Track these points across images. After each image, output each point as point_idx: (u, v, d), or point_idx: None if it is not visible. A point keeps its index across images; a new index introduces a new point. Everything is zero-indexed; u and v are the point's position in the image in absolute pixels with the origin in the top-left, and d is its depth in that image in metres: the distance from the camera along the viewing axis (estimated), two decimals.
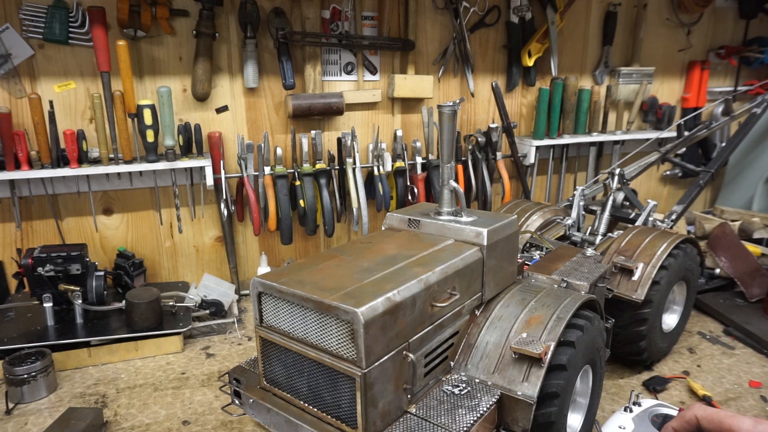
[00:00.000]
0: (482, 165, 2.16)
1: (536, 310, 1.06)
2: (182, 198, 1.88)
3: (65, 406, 1.32)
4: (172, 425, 1.26)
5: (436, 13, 2.09)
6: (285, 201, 1.88)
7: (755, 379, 1.45)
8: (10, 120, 1.55)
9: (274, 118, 1.95)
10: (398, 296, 0.87)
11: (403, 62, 2.07)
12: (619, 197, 1.87)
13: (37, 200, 1.72)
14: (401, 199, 2.08)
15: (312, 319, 0.88)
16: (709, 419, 0.66)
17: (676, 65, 2.70)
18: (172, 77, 1.78)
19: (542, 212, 1.76)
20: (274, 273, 0.95)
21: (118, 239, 1.85)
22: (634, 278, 1.40)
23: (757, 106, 2.21)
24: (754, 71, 2.88)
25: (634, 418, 1.16)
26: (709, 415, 0.66)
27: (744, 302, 1.85)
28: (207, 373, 1.49)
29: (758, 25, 2.82)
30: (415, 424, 0.90)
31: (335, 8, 1.91)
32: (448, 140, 1.06)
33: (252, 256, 2.04)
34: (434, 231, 1.13)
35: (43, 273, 1.52)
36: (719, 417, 0.65)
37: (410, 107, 2.15)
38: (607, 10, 2.42)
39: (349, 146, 1.92)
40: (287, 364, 0.95)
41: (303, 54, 1.91)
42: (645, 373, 1.49)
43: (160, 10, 1.67)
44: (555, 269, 1.30)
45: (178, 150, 1.76)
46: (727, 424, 0.65)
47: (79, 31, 1.63)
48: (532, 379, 0.95)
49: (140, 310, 1.56)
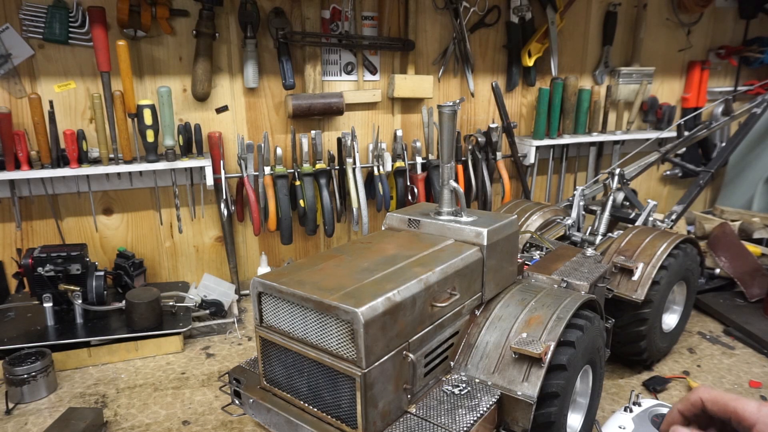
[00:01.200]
0: (482, 165, 2.16)
1: (536, 310, 1.06)
2: (182, 198, 1.88)
3: (65, 406, 1.32)
4: (172, 425, 1.26)
5: (436, 13, 2.09)
6: (285, 201, 1.88)
7: (755, 379, 1.45)
8: (10, 120, 1.55)
9: (274, 118, 1.95)
10: (398, 296, 0.87)
11: (403, 62, 2.07)
12: (619, 197, 1.87)
13: (37, 200, 1.72)
14: (401, 199, 2.08)
15: (312, 319, 0.88)
16: (714, 401, 0.66)
17: (676, 65, 2.70)
18: (172, 77, 1.78)
19: (542, 212, 1.76)
20: (274, 273, 0.95)
21: (118, 239, 1.85)
22: (634, 278, 1.40)
23: (757, 106, 2.21)
24: (754, 71, 2.88)
25: (634, 418, 1.16)
26: (713, 397, 0.66)
27: (744, 302, 1.85)
28: (207, 373, 1.49)
29: (758, 25, 2.82)
30: (415, 424, 0.90)
31: (335, 8, 1.91)
32: (448, 140, 1.06)
33: (252, 256, 2.04)
34: (434, 231, 1.13)
35: (43, 273, 1.52)
36: (724, 399, 0.65)
37: (410, 107, 2.15)
38: (607, 10, 2.42)
39: (349, 146, 1.92)
40: (287, 364, 0.95)
41: (303, 54, 1.91)
42: (645, 373, 1.49)
43: (160, 10, 1.67)
44: (555, 269, 1.30)
45: (178, 150, 1.76)
46: (731, 406, 0.65)
47: (79, 31, 1.63)
48: (532, 379, 0.95)
49: (140, 310, 1.56)
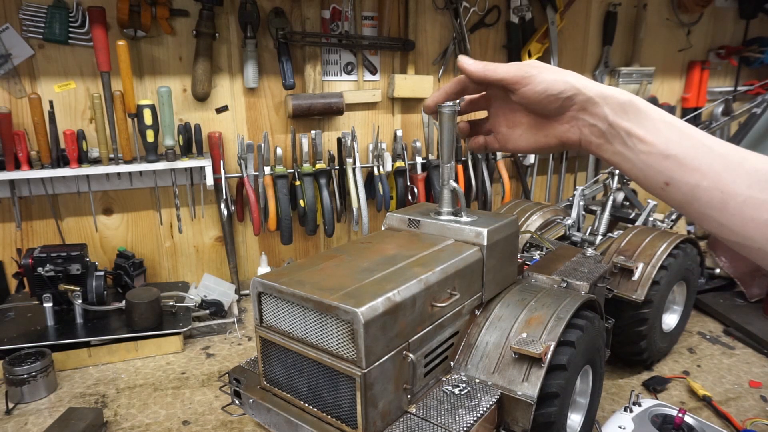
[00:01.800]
0: (482, 165, 2.17)
1: (536, 310, 1.06)
2: (182, 198, 1.88)
3: (65, 406, 1.32)
4: (172, 425, 1.26)
5: (436, 13, 2.09)
6: (285, 201, 1.88)
7: (755, 379, 1.45)
8: (10, 120, 1.55)
9: (274, 118, 1.95)
10: (398, 296, 0.87)
11: (403, 62, 2.07)
12: (619, 197, 1.88)
13: (37, 200, 1.72)
14: (401, 199, 2.08)
15: (312, 319, 0.88)
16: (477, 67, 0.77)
17: (676, 65, 2.70)
18: (172, 77, 1.78)
19: (542, 212, 1.76)
20: (274, 273, 0.95)
21: (118, 239, 1.85)
22: (634, 278, 1.40)
23: (757, 106, 2.21)
24: (754, 71, 2.88)
25: (634, 418, 1.16)
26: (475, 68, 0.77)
27: (744, 302, 1.85)
28: (207, 373, 1.49)
29: (758, 25, 2.82)
30: (415, 424, 0.90)
31: (335, 8, 1.91)
32: (448, 140, 1.06)
33: (252, 256, 2.04)
34: (434, 231, 1.13)
35: (43, 273, 1.52)
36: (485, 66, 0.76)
37: (410, 107, 2.15)
38: (607, 10, 2.42)
39: (349, 146, 1.92)
40: (287, 364, 0.95)
41: (303, 54, 1.91)
42: (645, 373, 1.49)
43: (160, 10, 1.67)
44: (555, 269, 1.30)
45: (178, 150, 1.76)
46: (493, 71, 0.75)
47: (79, 31, 1.63)
48: (532, 379, 0.95)
49: (140, 310, 1.56)
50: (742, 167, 0.59)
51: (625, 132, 0.65)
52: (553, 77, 0.70)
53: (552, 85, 0.69)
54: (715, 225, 0.61)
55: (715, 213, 0.60)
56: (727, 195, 0.59)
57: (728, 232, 0.60)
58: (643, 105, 0.65)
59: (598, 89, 0.67)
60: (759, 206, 0.57)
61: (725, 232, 0.61)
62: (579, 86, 0.68)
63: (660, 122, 0.64)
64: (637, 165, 0.66)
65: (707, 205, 0.61)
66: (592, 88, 0.68)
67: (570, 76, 0.70)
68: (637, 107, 0.65)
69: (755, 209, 0.58)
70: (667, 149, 0.63)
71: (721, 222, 0.60)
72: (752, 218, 0.58)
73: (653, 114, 0.65)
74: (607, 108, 0.66)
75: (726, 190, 0.59)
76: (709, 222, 0.62)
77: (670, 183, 0.63)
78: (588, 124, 0.69)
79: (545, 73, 0.70)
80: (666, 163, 0.63)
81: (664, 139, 0.63)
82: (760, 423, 1.26)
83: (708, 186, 0.60)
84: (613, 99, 0.66)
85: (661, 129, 0.64)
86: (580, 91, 0.68)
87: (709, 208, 0.61)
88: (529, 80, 0.71)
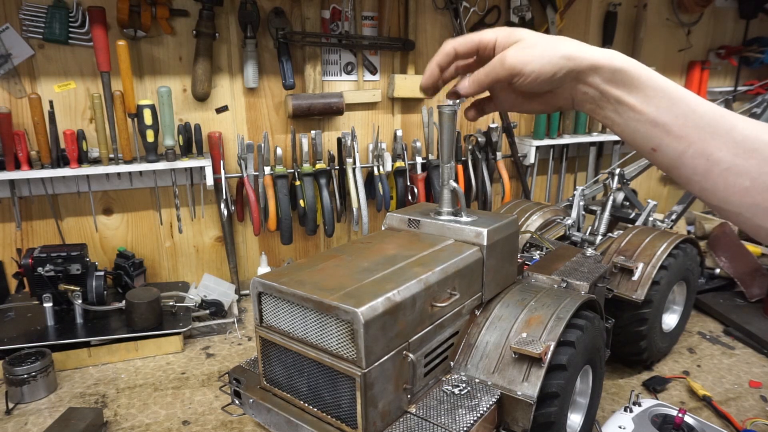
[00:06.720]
0: (482, 165, 2.16)
1: (536, 310, 1.06)
2: (182, 198, 1.88)
3: (65, 406, 1.32)
4: (172, 425, 1.26)
5: (436, 13, 2.09)
6: (285, 201, 1.88)
7: (755, 379, 1.45)
8: (10, 120, 1.56)
9: (274, 118, 1.95)
10: (398, 296, 0.87)
11: (403, 62, 2.07)
12: (619, 197, 1.87)
13: (37, 200, 1.72)
14: (401, 199, 2.08)
15: (312, 319, 0.88)
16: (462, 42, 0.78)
17: (676, 65, 2.70)
18: (172, 77, 1.78)
19: (542, 212, 1.76)
20: (274, 273, 0.95)
21: (118, 239, 1.85)
22: (634, 278, 1.40)
23: (757, 106, 2.21)
24: (754, 71, 2.88)
25: (634, 418, 1.16)
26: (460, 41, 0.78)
27: (744, 302, 1.85)
28: (207, 373, 1.49)
29: (758, 25, 2.82)
30: (415, 424, 0.90)
31: (335, 8, 1.91)
32: (448, 140, 1.06)
33: (252, 256, 2.04)
34: (434, 231, 1.13)
35: (43, 273, 1.52)
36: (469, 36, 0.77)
37: (410, 107, 2.15)
38: (607, 10, 2.42)
39: (349, 146, 1.92)
40: (287, 364, 0.95)
41: (303, 54, 1.91)
42: (645, 373, 1.49)
43: (160, 10, 1.67)
44: (555, 269, 1.30)
45: (178, 150, 1.76)
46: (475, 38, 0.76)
47: (79, 31, 1.63)
48: (532, 379, 0.95)
49: (140, 310, 1.56)
50: (730, 135, 0.61)
51: (615, 100, 0.67)
52: (542, 60, 0.69)
53: (543, 69, 0.69)
54: (698, 189, 0.64)
55: (699, 178, 0.63)
56: (711, 162, 0.61)
57: (710, 196, 0.63)
58: (635, 71, 0.66)
59: (591, 60, 0.67)
60: (741, 173, 0.59)
61: (707, 195, 0.63)
62: (572, 57, 0.68)
63: (651, 89, 0.65)
64: (626, 130, 0.68)
65: (692, 170, 0.63)
66: (585, 58, 0.67)
67: (561, 48, 0.68)
68: (629, 74, 0.66)
69: (738, 176, 0.60)
70: (656, 117, 0.64)
71: (705, 187, 0.63)
72: (734, 184, 0.60)
73: (645, 81, 0.66)
74: (599, 78, 0.67)
75: (711, 157, 0.61)
76: (692, 186, 0.64)
77: (657, 149, 0.65)
78: (580, 91, 0.70)
79: (535, 59, 0.69)
80: (654, 130, 0.64)
81: (653, 107, 0.64)
82: (760, 423, 1.26)
83: (694, 153, 0.62)
84: (605, 68, 0.67)
85: (651, 97, 0.65)
86: (573, 63, 0.68)
87: (694, 174, 0.63)
88: (520, 72, 0.71)
